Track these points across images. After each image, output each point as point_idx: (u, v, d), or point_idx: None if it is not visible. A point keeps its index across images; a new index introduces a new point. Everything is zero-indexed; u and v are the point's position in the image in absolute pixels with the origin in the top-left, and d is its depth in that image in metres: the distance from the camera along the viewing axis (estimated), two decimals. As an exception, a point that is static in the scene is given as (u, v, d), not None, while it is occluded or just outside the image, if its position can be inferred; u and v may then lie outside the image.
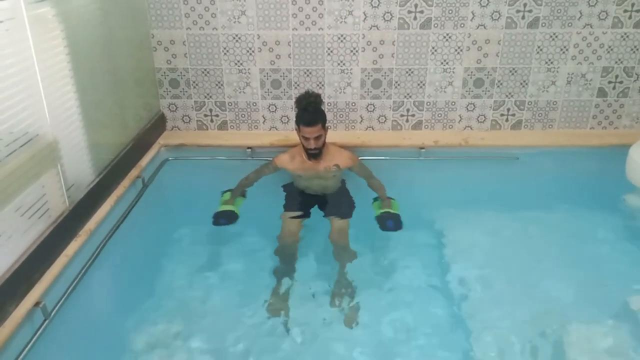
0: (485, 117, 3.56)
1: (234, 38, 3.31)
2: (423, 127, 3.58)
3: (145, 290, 2.58)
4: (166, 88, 3.45)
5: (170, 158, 3.35)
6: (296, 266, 2.68)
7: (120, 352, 2.23)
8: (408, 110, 3.53)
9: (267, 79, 3.42)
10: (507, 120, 3.57)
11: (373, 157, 3.31)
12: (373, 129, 3.58)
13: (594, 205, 3.20)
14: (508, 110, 3.54)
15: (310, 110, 2.75)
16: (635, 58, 3.40)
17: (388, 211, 2.90)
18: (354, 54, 3.35)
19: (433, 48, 3.35)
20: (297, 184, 3.05)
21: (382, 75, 3.41)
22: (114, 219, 2.57)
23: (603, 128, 3.61)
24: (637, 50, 3.38)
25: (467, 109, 3.53)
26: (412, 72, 3.41)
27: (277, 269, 2.65)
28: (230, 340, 2.29)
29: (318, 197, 3.03)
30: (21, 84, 1.95)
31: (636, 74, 3.45)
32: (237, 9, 3.23)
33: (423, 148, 3.38)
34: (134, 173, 2.90)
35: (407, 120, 3.56)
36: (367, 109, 3.52)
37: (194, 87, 3.45)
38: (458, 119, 3.56)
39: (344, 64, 3.38)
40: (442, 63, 3.39)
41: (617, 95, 3.51)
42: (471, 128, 3.59)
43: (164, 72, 3.41)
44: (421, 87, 3.46)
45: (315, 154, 2.84)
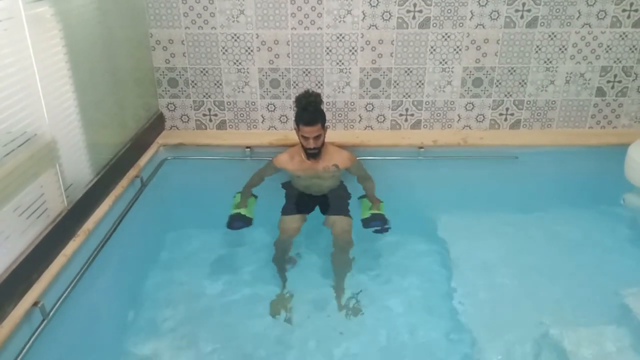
0: (484, 117, 3.56)
1: (233, 37, 3.31)
2: (422, 127, 3.58)
3: (144, 290, 2.58)
4: (165, 87, 3.45)
5: (168, 157, 3.34)
6: (289, 268, 2.68)
7: (119, 352, 2.23)
8: (407, 109, 3.52)
9: (266, 79, 3.42)
10: (506, 119, 3.57)
11: (372, 157, 3.31)
12: (372, 129, 3.58)
13: (593, 204, 3.21)
14: (507, 109, 3.54)
15: (310, 109, 2.75)
16: (633, 57, 3.41)
17: (376, 213, 2.86)
18: (353, 54, 3.35)
19: (432, 47, 3.35)
20: (296, 184, 3.04)
21: (381, 74, 3.41)
22: (113, 219, 2.57)
23: (602, 127, 3.61)
24: (636, 49, 3.38)
25: (466, 109, 3.53)
26: (411, 72, 3.41)
27: (274, 264, 2.66)
28: (231, 340, 2.29)
29: (317, 198, 3.03)
30: (19, 84, 1.94)
31: (635, 74, 3.45)
32: (236, 8, 3.23)
33: (422, 147, 3.38)
34: (133, 173, 2.90)
35: (406, 119, 3.56)
36: (366, 109, 3.51)
37: (193, 87, 3.45)
38: (457, 119, 3.56)
39: (343, 64, 3.38)
40: (441, 62, 3.39)
41: (616, 94, 3.51)
42: (470, 127, 3.59)
43: (163, 72, 3.41)
44: (420, 87, 3.46)
45: (314, 154, 2.84)
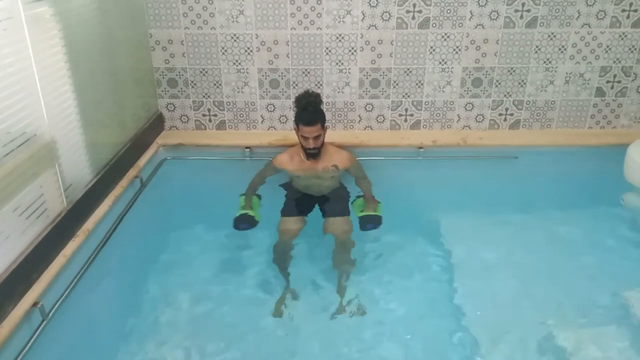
0: (483, 117, 3.56)
1: (232, 38, 3.31)
2: (421, 127, 3.58)
3: (143, 290, 2.58)
4: (164, 88, 3.45)
5: (168, 158, 3.34)
6: (293, 268, 2.67)
7: (118, 353, 2.22)
8: (406, 109, 3.52)
9: (266, 79, 3.41)
10: (506, 119, 3.57)
11: (371, 157, 3.31)
12: (371, 129, 3.58)
13: (592, 204, 3.21)
14: (506, 109, 3.54)
15: (310, 109, 2.75)
16: (633, 58, 3.41)
17: (370, 214, 2.85)
18: (353, 54, 3.35)
19: (431, 48, 3.35)
20: (296, 184, 3.04)
21: (381, 74, 3.41)
22: (112, 219, 2.57)
23: (601, 127, 3.61)
24: (635, 49, 3.38)
25: (466, 109, 3.53)
26: (411, 72, 3.41)
27: (274, 264, 2.67)
28: (231, 340, 2.28)
29: (316, 199, 3.03)
30: (19, 84, 1.94)
31: (634, 74, 3.45)
32: (235, 9, 3.23)
33: (421, 148, 3.38)
34: (132, 173, 2.90)
35: (406, 119, 3.56)
36: (366, 109, 3.51)
37: (192, 87, 3.45)
38: (456, 119, 3.56)
39: (343, 64, 3.38)
40: (441, 63, 3.39)
41: (615, 94, 3.51)
42: (469, 128, 3.59)
43: (162, 72, 3.40)
44: (419, 87, 3.46)
45: (314, 154, 2.84)
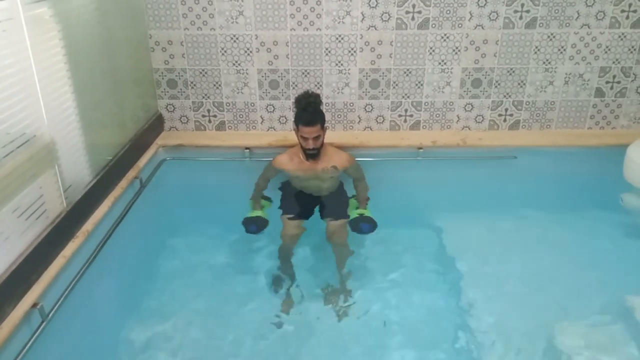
0: (483, 117, 3.56)
1: (232, 38, 3.31)
2: (421, 128, 3.59)
3: (143, 291, 2.58)
4: (164, 88, 3.45)
5: (167, 158, 3.34)
6: (294, 268, 2.68)
7: (118, 354, 2.23)
8: (406, 110, 3.53)
9: (265, 80, 3.42)
10: (505, 120, 3.58)
11: (371, 158, 3.31)
12: (371, 129, 3.58)
13: (592, 205, 3.21)
14: (506, 110, 3.54)
15: (309, 110, 2.75)
16: (632, 58, 3.41)
17: (363, 214, 2.85)
18: (352, 55, 3.35)
19: (431, 48, 3.35)
20: (295, 185, 3.04)
21: (380, 75, 3.41)
22: (112, 220, 2.57)
23: (601, 128, 3.61)
24: (635, 50, 3.39)
25: (465, 109, 3.53)
26: (410, 73, 3.41)
27: (277, 269, 2.67)
28: (230, 341, 2.29)
29: (316, 198, 3.03)
30: (18, 85, 1.94)
31: (634, 74, 3.46)
32: (235, 10, 3.23)
33: (421, 148, 3.38)
34: (132, 174, 2.90)
35: (405, 120, 3.56)
36: (365, 109, 3.52)
37: (192, 88, 3.45)
38: (456, 119, 3.56)
39: (342, 65, 3.38)
40: (440, 63, 3.39)
41: (615, 95, 3.51)
42: (469, 128, 3.59)
43: (162, 73, 3.40)
44: (419, 88, 3.46)
45: (313, 155, 2.84)
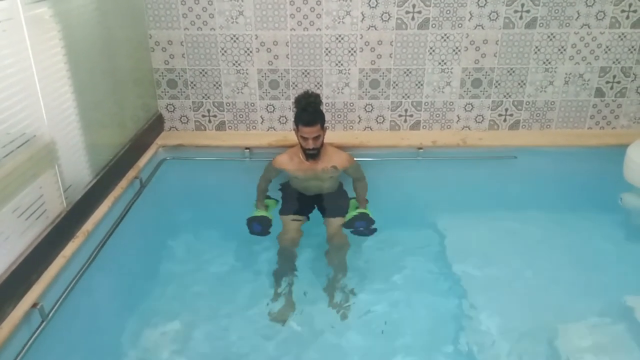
0: (483, 117, 3.56)
1: (232, 38, 3.31)
2: (421, 128, 3.59)
3: (143, 291, 2.58)
4: (164, 88, 3.45)
5: (168, 158, 3.34)
6: (296, 269, 2.67)
7: (118, 354, 2.23)
8: (406, 110, 3.53)
9: (265, 80, 3.42)
10: (505, 120, 3.58)
11: (371, 158, 3.31)
12: (371, 129, 3.58)
13: (592, 205, 3.21)
14: (506, 110, 3.54)
15: (309, 110, 2.76)
16: (632, 58, 3.41)
17: (362, 212, 2.85)
18: (352, 55, 3.35)
19: (431, 48, 3.35)
20: (295, 185, 3.04)
21: (380, 75, 3.41)
22: (112, 220, 2.57)
23: (601, 128, 3.61)
24: (635, 50, 3.39)
25: (465, 109, 3.53)
26: (410, 73, 3.41)
27: (277, 271, 2.66)
28: (230, 342, 2.29)
29: (316, 199, 3.03)
30: (18, 85, 1.94)
31: (634, 74, 3.45)
32: (235, 10, 3.23)
33: (421, 148, 3.38)
34: (132, 174, 2.90)
35: (405, 120, 3.56)
36: (365, 109, 3.52)
37: (192, 88, 3.45)
38: (456, 119, 3.56)
39: (342, 65, 3.38)
40: (440, 63, 3.39)
41: (615, 95, 3.51)
42: (469, 128, 3.59)
43: (162, 73, 3.40)
44: (419, 88, 3.46)
45: (313, 155, 2.84)
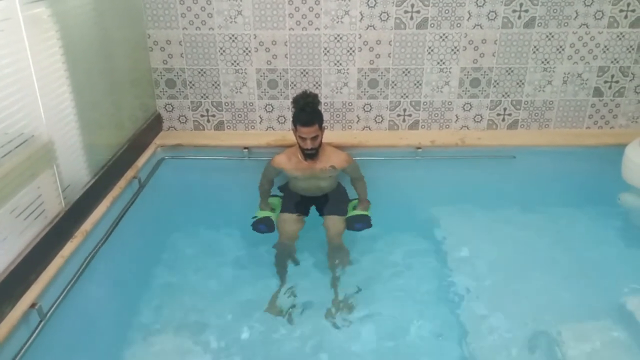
0: (481, 117, 3.56)
1: (231, 38, 3.30)
2: (420, 127, 3.59)
3: (142, 291, 2.58)
4: (162, 88, 3.45)
5: (166, 158, 3.34)
6: (291, 268, 2.68)
7: (116, 354, 2.22)
8: (405, 110, 3.53)
9: (264, 79, 3.41)
10: (504, 120, 3.58)
11: (370, 157, 3.32)
12: (370, 129, 3.58)
13: (590, 204, 3.21)
14: (504, 110, 3.55)
15: (307, 110, 2.75)
16: (631, 58, 3.41)
17: (360, 214, 2.90)
18: (351, 54, 3.35)
19: (429, 48, 3.35)
20: (294, 185, 3.04)
21: (379, 75, 3.41)
22: (110, 220, 2.57)
23: (599, 128, 3.62)
24: (633, 50, 3.39)
25: (464, 109, 3.53)
26: (409, 72, 3.41)
27: (275, 265, 2.67)
28: (229, 341, 2.29)
29: (314, 198, 3.03)
30: (16, 85, 1.94)
31: (632, 74, 3.46)
32: (234, 9, 3.23)
33: (420, 148, 3.39)
34: (130, 174, 2.89)
35: (404, 120, 3.56)
36: (364, 109, 3.52)
37: (191, 87, 3.44)
38: (455, 119, 3.56)
39: (341, 64, 3.38)
40: (439, 63, 3.39)
41: (613, 94, 3.52)
42: (468, 128, 3.60)
43: (160, 72, 3.40)
44: (418, 87, 3.46)
45: (311, 154, 2.84)
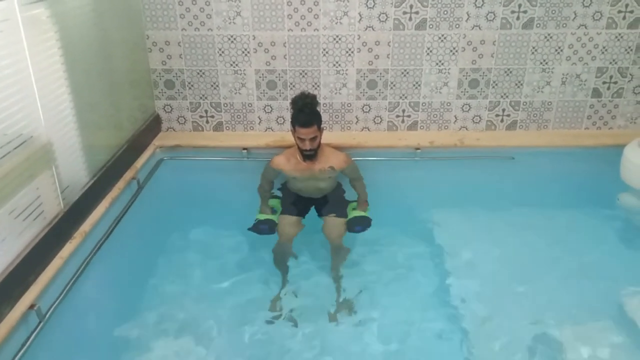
0: (480, 118, 3.57)
1: (229, 39, 3.31)
2: (418, 128, 3.59)
3: (140, 292, 2.57)
4: (161, 89, 3.45)
5: (165, 159, 3.34)
6: (292, 268, 2.68)
7: (115, 355, 2.22)
8: (404, 110, 3.53)
9: (263, 80, 3.42)
10: (502, 120, 3.58)
11: (368, 158, 3.32)
12: (369, 130, 3.59)
13: (589, 205, 3.21)
14: (503, 110, 3.55)
15: (306, 111, 2.75)
16: (629, 58, 3.42)
17: (360, 215, 2.88)
18: (350, 55, 3.36)
19: (428, 49, 3.35)
20: (292, 186, 3.04)
21: (378, 76, 3.42)
22: (109, 221, 2.57)
23: (598, 128, 3.62)
24: (631, 50, 3.39)
25: (463, 110, 3.54)
26: (408, 73, 3.42)
27: (274, 264, 2.68)
28: (229, 342, 2.28)
29: (313, 199, 3.03)
30: (15, 86, 1.94)
31: (630, 75, 3.46)
32: (232, 10, 3.23)
33: (418, 149, 3.39)
34: (129, 174, 2.89)
35: (403, 121, 3.56)
36: (363, 110, 3.52)
37: (189, 88, 3.45)
38: (453, 120, 3.57)
39: (340, 65, 3.38)
40: (438, 64, 3.40)
41: (612, 95, 3.52)
42: (466, 128, 3.60)
43: (159, 73, 3.40)
44: (416, 88, 3.46)
45: (310, 155, 2.84)
